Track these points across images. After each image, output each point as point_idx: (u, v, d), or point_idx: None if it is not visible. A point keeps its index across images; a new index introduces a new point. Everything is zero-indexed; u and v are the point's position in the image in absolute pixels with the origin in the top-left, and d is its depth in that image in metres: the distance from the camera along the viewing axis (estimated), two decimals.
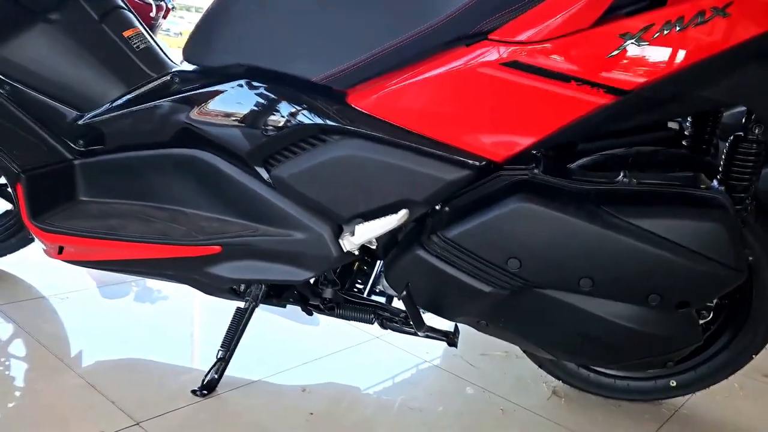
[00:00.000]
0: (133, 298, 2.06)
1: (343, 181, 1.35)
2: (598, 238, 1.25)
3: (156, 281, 2.19)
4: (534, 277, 1.30)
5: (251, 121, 1.40)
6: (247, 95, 1.42)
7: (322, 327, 1.98)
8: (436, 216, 1.38)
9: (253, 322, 1.58)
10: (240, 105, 1.42)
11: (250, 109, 1.40)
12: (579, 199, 1.28)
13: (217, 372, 1.55)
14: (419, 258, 1.36)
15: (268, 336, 1.88)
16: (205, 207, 1.53)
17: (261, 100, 1.40)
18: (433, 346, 1.89)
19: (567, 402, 1.68)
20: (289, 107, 1.37)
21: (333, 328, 1.97)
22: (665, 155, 1.50)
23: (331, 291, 1.54)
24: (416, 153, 1.29)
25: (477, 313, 1.44)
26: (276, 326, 1.95)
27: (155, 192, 1.58)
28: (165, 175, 1.55)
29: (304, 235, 1.43)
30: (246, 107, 1.41)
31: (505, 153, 1.26)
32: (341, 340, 1.90)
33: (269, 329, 1.92)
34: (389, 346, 1.90)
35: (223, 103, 1.44)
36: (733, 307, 1.57)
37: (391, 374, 1.76)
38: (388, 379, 1.73)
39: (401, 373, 1.77)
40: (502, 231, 1.28)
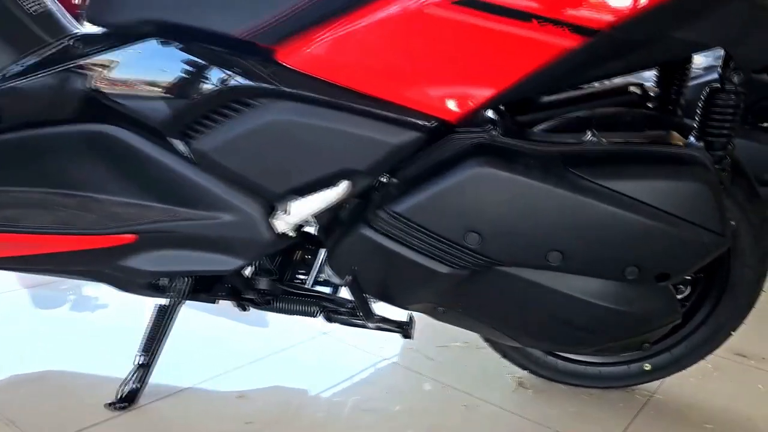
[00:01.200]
0: (39, 301, 1.81)
1: (273, 151, 1.14)
2: (567, 205, 1.08)
3: (72, 280, 1.93)
4: (496, 253, 1.12)
5: (164, 86, 1.18)
6: (158, 56, 1.19)
7: (262, 325, 1.76)
8: (382, 189, 1.19)
9: (180, 322, 1.36)
10: (150, 68, 1.20)
11: (163, 72, 1.18)
12: (544, 161, 1.11)
13: (137, 381, 1.32)
14: (364, 237, 1.16)
15: (198, 337, 1.66)
16: (117, 191, 1.29)
17: (174, 60, 1.18)
18: (386, 340, 1.70)
19: (534, 394, 1.51)
20: (208, 68, 1.15)
21: (275, 326, 1.75)
22: (632, 115, 1.35)
23: (267, 281, 1.33)
24: (356, 114, 1.10)
25: (433, 298, 1.25)
26: (208, 325, 1.72)
27: (58, 176, 1.33)
28: (68, 155, 1.31)
29: (232, 216, 1.22)
30: (157, 70, 1.19)
31: (459, 111, 1.08)
32: (284, 339, 1.69)
33: (200, 329, 1.69)
34: (338, 342, 1.70)
35: (131, 67, 1.21)
36: (709, 280, 1.42)
37: (341, 374, 1.56)
38: (338, 380, 1.53)
39: (352, 371, 1.57)
40: (458, 201, 1.10)
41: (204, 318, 1.74)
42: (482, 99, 1.06)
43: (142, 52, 1.21)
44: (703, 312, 1.43)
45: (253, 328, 1.74)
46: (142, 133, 1.23)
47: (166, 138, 1.21)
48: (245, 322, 1.75)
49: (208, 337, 1.67)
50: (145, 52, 1.21)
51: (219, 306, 1.45)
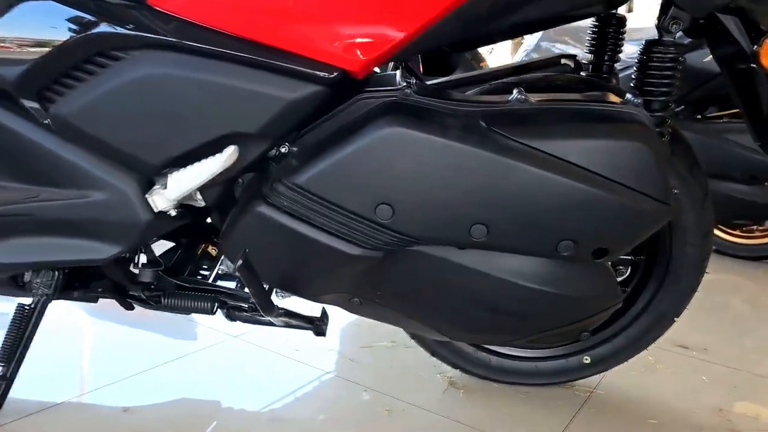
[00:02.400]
0: None
1: (146, 113, 0.94)
2: (491, 169, 0.91)
3: None
4: (412, 229, 0.94)
5: (13, 38, 0.96)
6: (4, 2, 0.98)
7: (161, 329, 1.54)
8: (281, 160, 1.00)
9: (54, 325, 1.13)
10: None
11: (8, 21, 0.97)
12: (464, 121, 0.95)
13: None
14: (260, 215, 0.97)
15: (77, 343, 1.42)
16: None
17: (23, 7, 0.97)
18: (303, 342, 1.50)
19: (466, 394, 1.34)
20: (65, 14, 0.94)
21: (177, 329, 1.53)
22: (564, 80, 1.20)
23: (152, 273, 1.12)
24: (244, 66, 0.91)
25: (346, 287, 1.06)
26: (94, 330, 1.49)
27: None
28: None
29: (102, 194, 1.00)
30: (4, 19, 0.97)
31: (364, 59, 0.91)
32: (185, 344, 1.47)
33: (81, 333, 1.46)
34: (249, 346, 1.49)
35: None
36: (650, 261, 1.29)
37: (251, 380, 1.35)
38: (247, 388, 1.32)
39: (264, 378, 1.37)
40: (366, 168, 0.92)
41: (89, 321, 1.50)
42: (391, 45, 0.89)
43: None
44: (644, 298, 1.29)
45: (149, 332, 1.52)
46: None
47: (19, 102, 0.99)
48: (140, 325, 1.52)
49: (91, 343, 1.43)
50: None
51: (107, 306, 1.23)
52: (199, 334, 1.50)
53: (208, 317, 1.48)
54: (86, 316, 1.52)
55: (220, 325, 1.34)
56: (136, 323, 1.50)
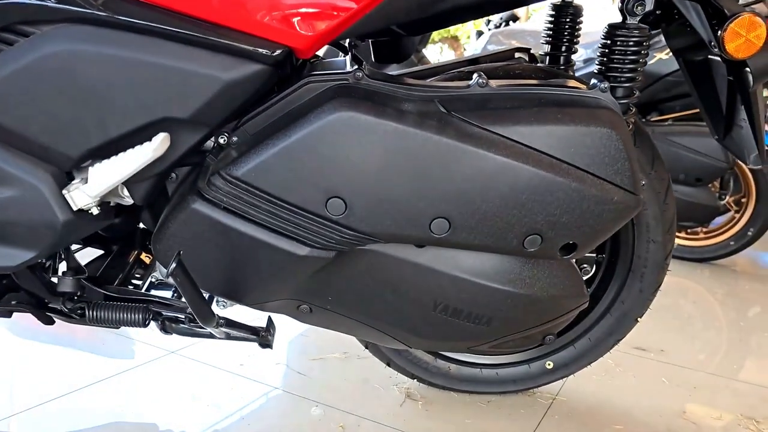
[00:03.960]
0: None
1: (59, 96, 0.80)
2: (452, 157, 0.82)
3: None
4: (366, 224, 0.84)
5: None
6: None
7: (88, 344, 1.38)
8: (220, 150, 0.88)
9: None
10: None
11: None
12: (422, 106, 0.85)
13: None
14: (195, 212, 0.85)
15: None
16: None
17: None
18: (248, 356, 1.37)
19: (425, 405, 1.23)
20: None
21: (106, 345, 1.38)
22: (521, 69, 1.12)
23: (73, 282, 0.97)
24: (173, 41, 0.79)
25: (293, 292, 0.95)
26: (4, 347, 1.32)
27: None
28: None
29: (10, 191, 0.85)
30: None
31: (310, 34, 0.80)
32: (116, 362, 1.32)
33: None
34: (189, 361, 1.35)
35: None
36: (611, 260, 1.22)
37: (191, 399, 1.21)
38: (188, 407, 1.18)
39: (204, 396, 1.23)
40: (315, 158, 0.81)
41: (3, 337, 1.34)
42: (339, 20, 0.79)
43: None
44: (607, 298, 1.22)
45: (75, 350, 1.35)
46: None
47: None
48: (65, 342, 1.35)
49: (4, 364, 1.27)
50: None
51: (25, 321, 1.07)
52: (132, 350, 1.35)
53: (142, 331, 1.34)
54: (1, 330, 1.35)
55: (156, 339, 1.19)
56: (60, 340, 1.34)
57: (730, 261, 2.45)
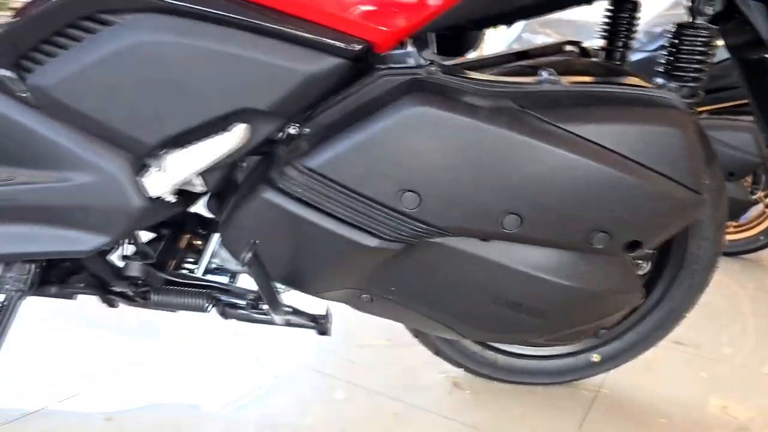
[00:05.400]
0: None
1: (140, 85, 0.81)
2: (526, 154, 0.83)
3: None
4: (440, 219, 0.85)
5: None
6: None
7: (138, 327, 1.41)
8: (289, 141, 0.89)
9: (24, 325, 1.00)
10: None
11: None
12: (496, 101, 0.86)
13: None
14: (267, 202, 0.87)
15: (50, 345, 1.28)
16: None
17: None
18: (297, 342, 1.39)
19: (473, 395, 1.25)
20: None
21: (162, 326, 1.41)
22: (581, 65, 1.13)
23: (140, 267, 0.99)
24: (255, 33, 0.80)
25: (357, 281, 0.96)
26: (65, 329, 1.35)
27: None
28: None
29: (87, 177, 0.87)
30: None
31: (392, 31, 0.81)
32: (173, 343, 1.35)
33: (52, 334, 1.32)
34: (238, 347, 1.37)
35: None
36: (663, 255, 1.23)
37: (243, 385, 1.23)
38: (240, 392, 1.21)
39: (257, 381, 1.25)
40: (390, 152, 0.82)
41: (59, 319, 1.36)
42: (423, 16, 0.80)
43: None
44: (656, 293, 1.23)
45: (124, 330, 1.38)
46: None
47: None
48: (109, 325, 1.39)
49: (65, 344, 1.30)
50: None
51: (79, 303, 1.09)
52: (188, 333, 1.38)
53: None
54: (53, 312, 1.37)
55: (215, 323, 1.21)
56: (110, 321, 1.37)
57: (760, 255, 2.45)
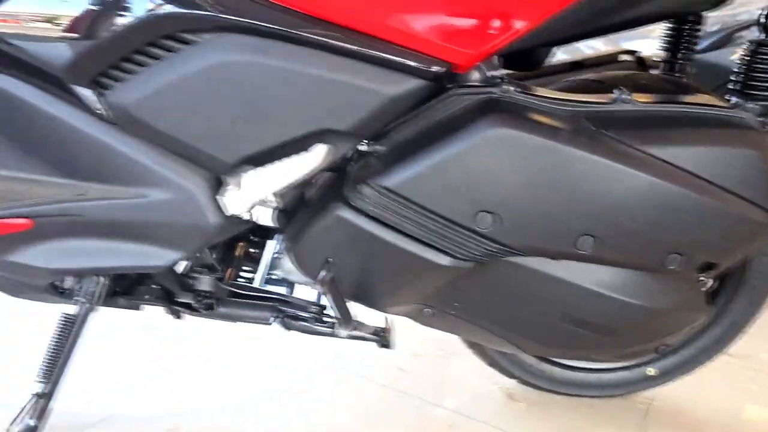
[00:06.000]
0: None
1: (220, 104, 0.82)
2: (603, 175, 0.82)
3: None
4: (515, 239, 0.85)
5: (67, 17, 0.84)
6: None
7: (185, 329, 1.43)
8: (360, 159, 0.90)
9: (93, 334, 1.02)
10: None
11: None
12: (572, 122, 0.86)
13: (34, 416, 0.96)
14: (342, 220, 0.87)
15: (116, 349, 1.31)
16: (3, 161, 0.92)
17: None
18: (343, 350, 1.40)
19: (528, 407, 1.26)
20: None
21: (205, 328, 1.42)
22: (646, 78, 1.12)
23: (210, 281, 1.01)
24: (338, 55, 0.80)
25: (423, 297, 0.97)
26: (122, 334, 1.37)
27: None
28: None
29: (164, 194, 0.88)
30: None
31: (475, 52, 0.81)
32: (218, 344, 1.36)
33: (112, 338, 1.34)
34: (292, 354, 1.38)
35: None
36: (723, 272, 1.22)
37: (290, 392, 1.25)
38: (288, 401, 1.22)
39: (308, 387, 1.27)
40: (468, 172, 0.82)
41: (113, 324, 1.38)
42: (509, 37, 0.79)
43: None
44: (717, 307, 1.22)
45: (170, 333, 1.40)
46: (36, 82, 0.88)
47: (71, 89, 0.86)
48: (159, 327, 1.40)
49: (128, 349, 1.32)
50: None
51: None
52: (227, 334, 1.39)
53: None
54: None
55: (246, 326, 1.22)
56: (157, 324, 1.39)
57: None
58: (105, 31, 0.82)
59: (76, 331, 0.97)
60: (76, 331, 0.97)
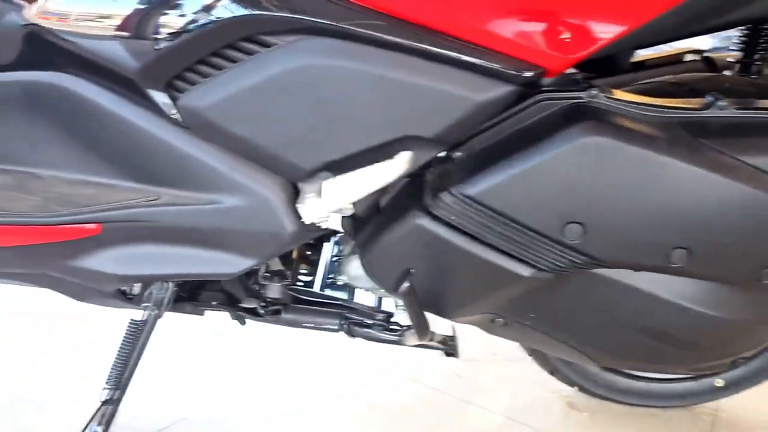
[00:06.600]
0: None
1: (301, 109, 0.79)
2: (701, 186, 0.78)
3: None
4: (604, 251, 0.81)
5: (140, 18, 0.82)
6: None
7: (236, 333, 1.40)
8: (438, 166, 0.86)
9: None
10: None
11: None
12: (666, 130, 0.82)
13: (102, 423, 0.94)
14: (421, 229, 0.83)
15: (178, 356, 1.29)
16: (72, 165, 0.90)
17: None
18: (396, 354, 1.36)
19: (590, 416, 1.22)
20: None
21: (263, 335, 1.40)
22: (730, 82, 1.07)
23: (279, 288, 0.98)
24: (425, 59, 0.76)
25: (497, 307, 0.93)
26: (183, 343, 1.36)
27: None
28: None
29: (239, 201, 0.86)
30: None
31: (570, 57, 0.77)
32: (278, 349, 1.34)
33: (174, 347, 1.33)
34: (345, 359, 1.36)
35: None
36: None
37: (345, 397, 1.23)
38: (342, 405, 1.20)
39: (362, 392, 1.24)
40: (557, 181, 0.78)
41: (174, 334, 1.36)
42: (605, 40, 0.75)
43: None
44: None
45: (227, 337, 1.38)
46: (108, 84, 0.86)
47: (144, 92, 0.84)
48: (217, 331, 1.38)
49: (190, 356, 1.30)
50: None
51: None
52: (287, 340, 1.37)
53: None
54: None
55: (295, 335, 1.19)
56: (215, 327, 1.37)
57: None
58: (182, 33, 0.79)
59: (144, 338, 0.95)
60: (143, 338, 0.95)
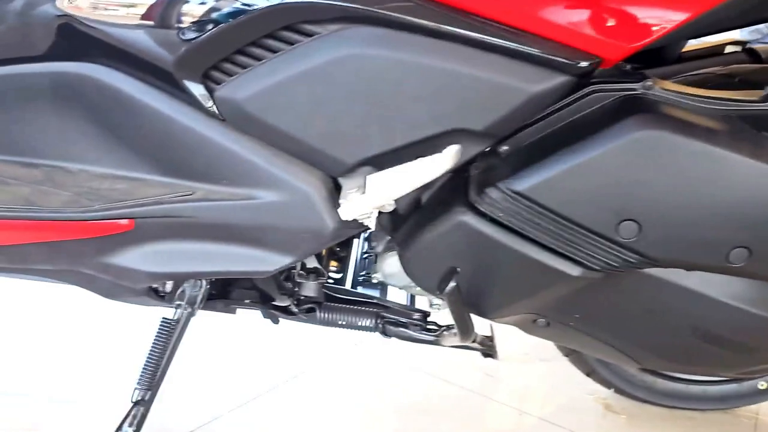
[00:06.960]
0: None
1: (345, 101, 0.76)
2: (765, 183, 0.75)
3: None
4: (660, 250, 0.77)
5: (176, 6, 0.79)
6: None
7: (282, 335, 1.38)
8: (485, 160, 0.83)
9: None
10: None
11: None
12: (727, 123, 0.78)
13: (133, 424, 0.91)
14: (466, 226, 0.80)
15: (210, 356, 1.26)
16: (104, 158, 0.87)
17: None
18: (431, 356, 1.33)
19: (628, 420, 1.18)
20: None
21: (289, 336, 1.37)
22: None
23: (315, 286, 0.95)
24: (475, 48, 0.73)
25: (540, 307, 0.90)
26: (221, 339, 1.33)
27: (15, 137, 0.90)
28: (29, 108, 0.88)
29: (276, 196, 0.82)
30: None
31: (629, 45, 0.73)
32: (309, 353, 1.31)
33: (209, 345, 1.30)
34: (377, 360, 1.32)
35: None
36: None
37: (376, 397, 1.19)
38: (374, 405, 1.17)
39: (394, 393, 1.21)
40: (612, 177, 0.74)
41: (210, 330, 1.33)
42: (665, 29, 0.71)
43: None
44: None
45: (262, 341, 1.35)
46: (142, 75, 0.82)
47: (179, 83, 0.80)
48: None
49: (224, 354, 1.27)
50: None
51: None
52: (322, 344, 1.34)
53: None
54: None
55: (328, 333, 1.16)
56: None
57: None
58: (220, 23, 0.76)
59: (177, 337, 0.92)
60: (176, 337, 0.92)
